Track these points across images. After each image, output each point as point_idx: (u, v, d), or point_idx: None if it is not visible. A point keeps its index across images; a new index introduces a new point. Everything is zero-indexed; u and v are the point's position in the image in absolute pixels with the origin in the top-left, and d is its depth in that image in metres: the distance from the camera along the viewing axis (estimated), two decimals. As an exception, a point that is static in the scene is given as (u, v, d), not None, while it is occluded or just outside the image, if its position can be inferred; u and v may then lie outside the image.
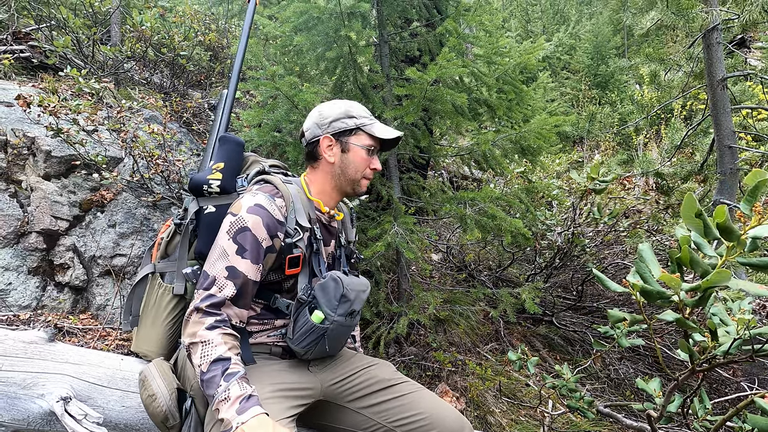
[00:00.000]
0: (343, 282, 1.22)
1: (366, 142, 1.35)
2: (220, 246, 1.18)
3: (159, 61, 4.56)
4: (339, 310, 1.21)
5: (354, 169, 1.34)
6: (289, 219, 1.25)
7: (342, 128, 1.33)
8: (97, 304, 2.49)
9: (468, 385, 2.44)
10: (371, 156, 1.37)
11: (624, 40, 15.99)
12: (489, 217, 2.48)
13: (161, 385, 1.15)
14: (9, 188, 2.54)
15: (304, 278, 1.28)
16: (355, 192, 1.38)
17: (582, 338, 3.24)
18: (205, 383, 1.05)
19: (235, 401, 1.01)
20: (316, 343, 1.21)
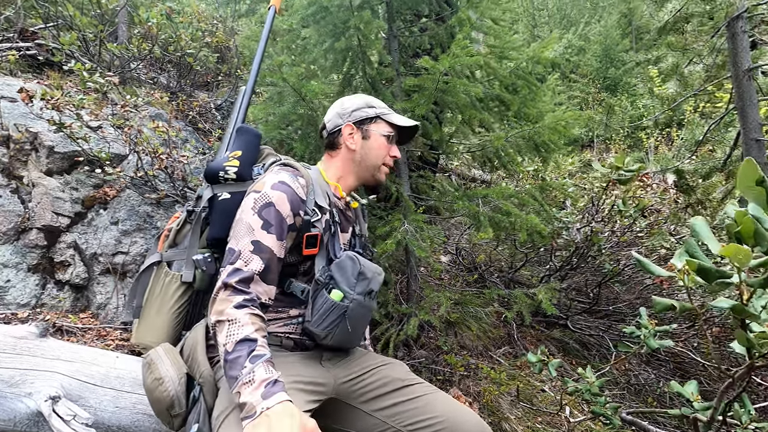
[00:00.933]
0: (359, 260, 1.22)
1: (385, 129, 1.39)
2: (245, 221, 1.16)
3: (165, 61, 4.54)
4: (357, 288, 1.19)
5: (375, 155, 1.38)
6: (309, 199, 1.25)
7: (363, 116, 1.39)
8: (97, 303, 2.42)
9: (482, 390, 2.33)
10: (390, 143, 1.41)
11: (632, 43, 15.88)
12: (503, 214, 2.38)
13: (169, 368, 1.09)
14: (10, 184, 2.49)
15: (321, 260, 1.25)
16: (375, 179, 1.42)
17: (599, 342, 3.11)
18: (228, 363, 0.99)
19: (260, 385, 0.94)
20: (337, 324, 1.17)
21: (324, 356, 1.24)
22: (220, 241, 1.28)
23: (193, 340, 1.19)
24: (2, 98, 2.68)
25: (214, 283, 1.33)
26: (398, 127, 1.42)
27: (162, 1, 4.95)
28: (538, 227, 2.31)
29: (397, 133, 1.43)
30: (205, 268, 1.27)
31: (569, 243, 2.82)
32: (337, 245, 1.30)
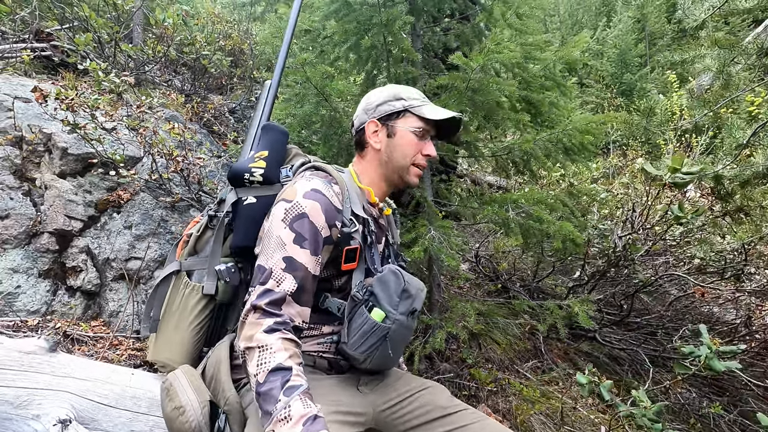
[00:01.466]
0: (404, 276, 1.09)
1: (415, 124, 1.22)
2: (276, 235, 1.04)
3: (180, 63, 4.49)
4: (401, 308, 1.06)
5: (401, 154, 1.21)
6: (345, 208, 1.13)
7: (388, 111, 1.22)
8: (109, 311, 2.32)
9: (513, 407, 2.18)
10: (423, 140, 1.23)
11: (646, 49, 15.69)
12: (535, 221, 2.25)
13: (191, 395, 0.96)
14: (22, 186, 2.41)
15: (359, 275, 1.13)
16: (405, 182, 1.25)
17: (631, 357, 2.94)
18: (261, 396, 0.88)
19: (298, 421, 0.83)
20: (377, 347, 1.04)
21: (361, 380, 1.11)
22: (244, 249, 1.17)
23: (216, 359, 1.07)
24: (16, 98, 2.62)
25: (238, 295, 1.21)
26: (432, 122, 1.23)
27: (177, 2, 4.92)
28: (573, 234, 2.18)
29: (431, 127, 1.24)
30: (228, 279, 1.16)
31: (603, 251, 2.67)
32: (376, 257, 1.18)
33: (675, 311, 3.28)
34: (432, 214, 2.41)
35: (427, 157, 1.24)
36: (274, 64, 1.55)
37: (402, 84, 2.33)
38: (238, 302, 1.21)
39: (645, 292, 3.30)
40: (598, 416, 2.51)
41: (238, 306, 1.21)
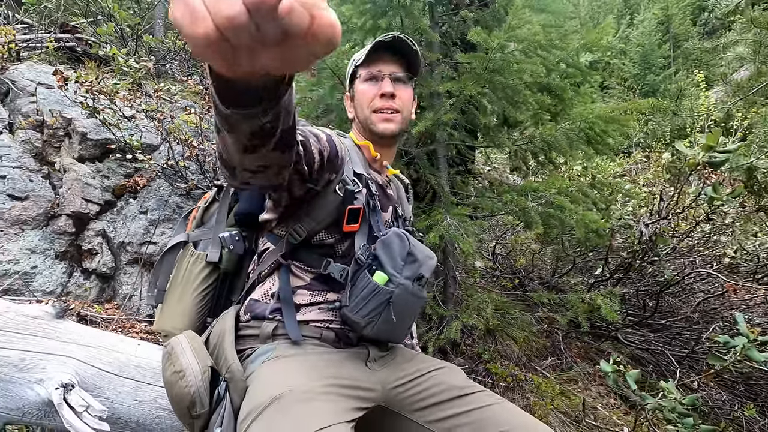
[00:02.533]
0: (409, 239, 1.02)
1: (364, 73, 1.15)
2: None
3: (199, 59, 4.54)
4: (405, 271, 0.99)
5: (360, 108, 1.17)
6: (347, 167, 1.06)
7: (349, 78, 1.22)
8: (123, 294, 2.33)
9: (530, 404, 2.09)
10: (376, 83, 1.15)
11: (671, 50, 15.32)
12: (556, 209, 2.16)
13: (192, 360, 0.91)
14: (42, 169, 2.44)
15: (361, 238, 1.06)
16: (376, 133, 1.16)
17: (656, 359, 2.81)
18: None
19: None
20: (379, 311, 0.97)
21: (370, 356, 1.05)
22: (249, 216, 1.14)
23: (220, 329, 1.03)
24: (39, 84, 2.67)
25: (243, 265, 1.18)
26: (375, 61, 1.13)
27: None
28: (597, 224, 2.08)
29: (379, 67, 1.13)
30: (232, 247, 1.12)
31: (628, 244, 2.55)
32: (380, 221, 1.12)
33: (702, 313, 3.12)
34: (448, 203, 2.35)
35: (385, 98, 1.13)
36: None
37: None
38: (243, 273, 1.18)
39: (670, 293, 3.16)
40: (620, 416, 2.39)
41: (243, 276, 1.18)
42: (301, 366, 0.91)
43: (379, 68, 1.14)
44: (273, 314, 1.02)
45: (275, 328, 1.01)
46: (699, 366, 2.63)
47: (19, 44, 3.02)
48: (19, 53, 3.05)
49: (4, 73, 2.75)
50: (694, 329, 2.99)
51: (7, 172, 2.30)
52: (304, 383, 0.85)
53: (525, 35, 1.75)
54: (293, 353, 0.96)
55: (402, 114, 1.17)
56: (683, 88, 6.57)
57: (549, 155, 2.80)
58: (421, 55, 1.20)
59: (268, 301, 1.05)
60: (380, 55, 1.14)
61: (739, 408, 2.20)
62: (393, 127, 1.15)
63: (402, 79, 1.16)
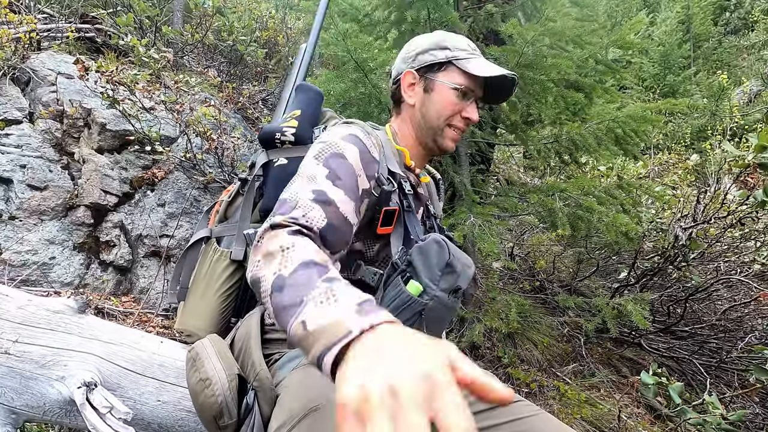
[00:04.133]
0: (449, 247, 0.92)
1: (457, 80, 1.03)
2: (303, 173, 0.88)
3: (216, 51, 4.52)
4: (442, 283, 0.90)
5: (436, 112, 1.04)
6: (382, 165, 0.98)
7: (429, 61, 1.05)
8: (140, 287, 2.30)
9: (556, 411, 2.02)
10: (464, 101, 1.04)
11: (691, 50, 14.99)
12: (584, 211, 2.09)
13: (218, 367, 0.85)
14: (61, 159, 2.43)
15: (396, 241, 0.99)
16: (438, 146, 1.08)
17: (682, 367, 2.71)
18: (286, 289, 0.62)
19: (348, 302, 0.55)
20: (410, 323, 0.89)
21: None
22: None
23: (245, 332, 0.97)
24: (60, 74, 2.66)
25: None
26: (479, 79, 1.04)
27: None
28: (628, 227, 2.00)
29: (477, 86, 1.05)
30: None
31: (658, 248, 2.46)
32: (417, 225, 1.04)
33: (729, 321, 3.02)
34: (470, 201, 2.29)
35: (467, 121, 1.06)
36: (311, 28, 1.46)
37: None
38: None
39: (694, 299, 3.05)
40: (646, 426, 2.31)
41: None
42: (320, 384, 0.84)
43: (475, 88, 1.05)
44: None
45: None
46: (728, 377, 2.53)
47: (39, 33, 3.02)
48: (40, 43, 3.04)
49: (25, 62, 2.74)
50: (722, 338, 2.89)
51: (27, 161, 2.28)
52: None
53: (560, 28, 1.67)
54: (311, 370, 0.91)
55: None
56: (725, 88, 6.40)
57: (574, 154, 2.72)
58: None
59: None
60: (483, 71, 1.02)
61: (773, 422, 2.11)
62: (454, 147, 1.10)
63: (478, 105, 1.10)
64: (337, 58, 2.02)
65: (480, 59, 1.07)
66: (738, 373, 2.38)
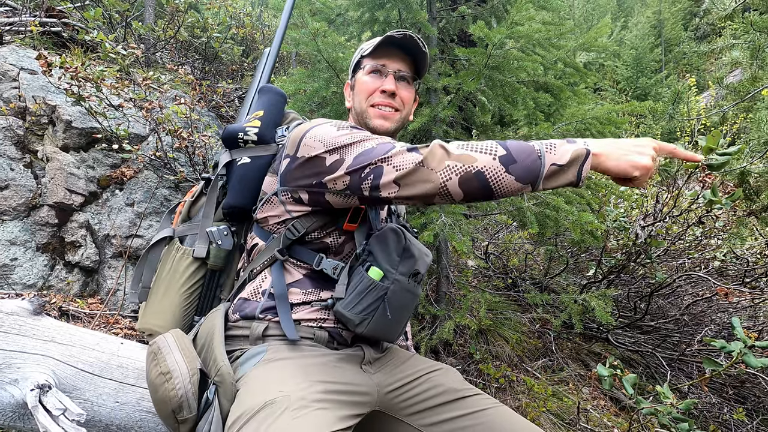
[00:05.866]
0: (405, 235, 1.00)
1: (368, 64, 1.15)
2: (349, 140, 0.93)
3: (191, 48, 4.44)
4: (401, 268, 0.98)
5: (359, 100, 1.16)
6: None
7: (353, 67, 1.22)
8: (107, 288, 2.25)
9: (523, 404, 2.08)
10: (379, 79, 1.14)
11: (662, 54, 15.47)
12: (552, 210, 2.15)
13: (180, 361, 0.86)
14: (24, 157, 2.35)
15: (360, 236, 1.04)
16: (369, 128, 1.13)
17: (646, 361, 2.82)
18: (516, 159, 0.80)
19: (561, 143, 0.82)
20: (374, 308, 0.94)
21: (365, 358, 1.02)
22: (237, 210, 1.10)
23: (209, 328, 0.98)
24: (22, 69, 2.57)
25: (231, 261, 1.13)
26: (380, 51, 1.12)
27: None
28: (592, 225, 2.07)
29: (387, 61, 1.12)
30: (220, 242, 1.09)
31: (622, 246, 2.55)
32: (378, 218, 1.09)
33: (692, 316, 3.15)
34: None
35: (385, 94, 1.11)
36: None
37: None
38: (231, 269, 1.13)
39: (659, 294, 3.17)
40: (610, 419, 2.40)
41: (232, 273, 1.13)
42: (295, 370, 0.87)
43: (384, 63, 1.13)
44: (264, 314, 0.98)
45: (266, 328, 0.97)
46: (689, 368, 2.65)
47: (1, 27, 2.91)
48: (2, 37, 2.93)
49: (-15, 56, 2.64)
50: (684, 332, 3.01)
51: (-13, 159, 2.21)
52: (299, 389, 0.81)
53: (526, 32, 1.72)
54: (286, 356, 0.92)
55: (401, 113, 1.15)
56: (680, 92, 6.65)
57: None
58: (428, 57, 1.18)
59: (258, 299, 1.00)
60: (388, 49, 1.13)
61: (728, 411, 2.21)
62: (388, 125, 1.13)
63: (406, 78, 1.15)
64: (311, 56, 2.02)
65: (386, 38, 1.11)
66: (696, 364, 2.49)
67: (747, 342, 1.26)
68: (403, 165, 0.84)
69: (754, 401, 2.42)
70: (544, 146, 0.81)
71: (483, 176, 0.80)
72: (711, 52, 9.44)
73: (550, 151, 0.80)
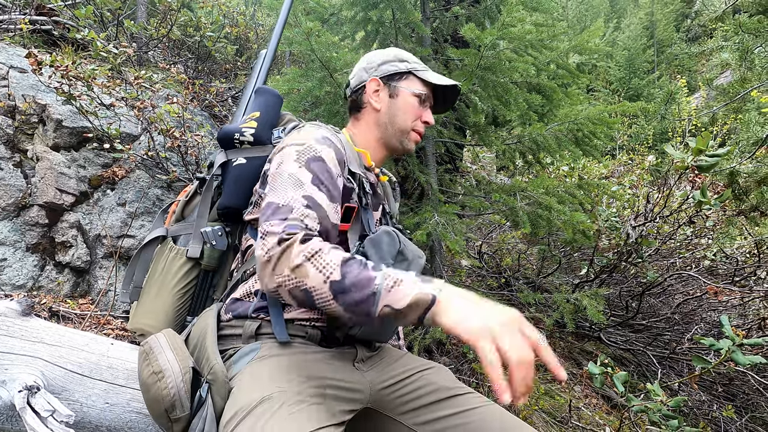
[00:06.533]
0: (399, 237, 1.00)
1: (418, 88, 1.17)
2: (290, 173, 0.93)
3: (183, 47, 4.41)
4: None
5: (403, 117, 1.16)
6: (347, 164, 1.06)
7: (392, 71, 1.17)
8: (98, 289, 2.24)
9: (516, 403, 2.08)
10: (423, 106, 1.19)
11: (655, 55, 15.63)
12: (544, 209, 2.16)
13: (172, 359, 0.85)
14: (13, 157, 2.33)
15: (353, 236, 1.04)
16: (403, 147, 1.19)
17: (637, 359, 2.84)
18: (351, 289, 0.75)
19: (410, 279, 0.75)
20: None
21: (358, 356, 1.02)
22: (232, 210, 1.10)
23: (201, 327, 0.98)
24: (12, 68, 2.54)
25: (225, 261, 1.13)
26: (434, 87, 1.19)
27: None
28: (584, 225, 2.09)
29: (431, 93, 1.20)
30: (214, 243, 1.09)
31: (613, 245, 2.57)
32: (372, 221, 1.10)
33: (682, 314, 3.18)
34: (436, 201, 2.33)
35: (426, 124, 1.19)
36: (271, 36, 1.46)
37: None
38: (225, 269, 1.13)
39: (650, 293, 3.20)
40: (602, 416, 2.41)
41: (225, 273, 1.13)
42: (289, 367, 0.87)
43: (430, 94, 1.19)
44: (256, 313, 0.98)
45: (259, 327, 0.97)
46: (679, 366, 2.67)
47: (-10, 25, 2.88)
48: (-9, 35, 2.90)
49: (-27, 54, 2.61)
50: (675, 330, 3.05)
51: (-25, 159, 2.18)
52: (294, 385, 0.82)
53: (518, 33, 1.73)
54: (279, 353, 0.92)
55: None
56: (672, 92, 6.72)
57: (537, 155, 2.80)
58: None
59: (251, 299, 1.00)
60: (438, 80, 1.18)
61: (718, 408, 2.24)
62: (413, 149, 1.22)
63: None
64: (305, 56, 2.02)
65: (432, 72, 1.20)
66: (687, 362, 2.52)
67: (735, 340, 1.27)
68: (264, 252, 0.82)
69: (742, 398, 2.45)
70: (386, 283, 0.74)
71: (311, 297, 0.78)
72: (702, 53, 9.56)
73: (388, 290, 0.73)
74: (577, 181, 2.78)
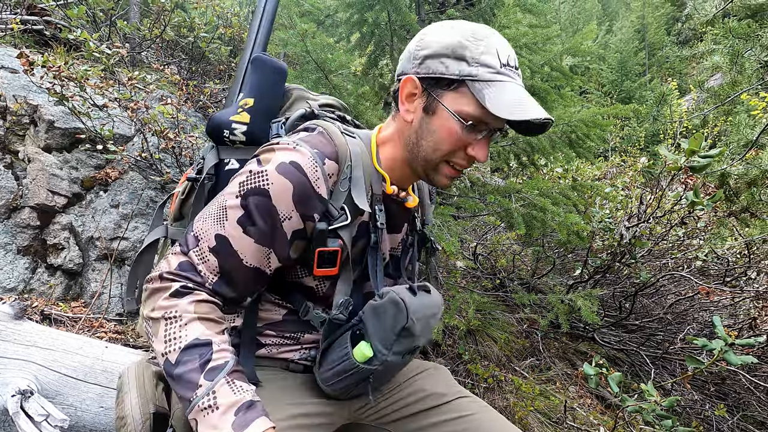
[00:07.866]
0: (407, 308, 0.80)
1: (467, 108, 0.77)
2: (219, 204, 0.80)
3: (177, 48, 4.39)
4: (396, 347, 0.81)
5: (433, 143, 0.82)
6: (337, 194, 0.82)
7: (437, 73, 0.78)
8: (91, 291, 2.21)
9: (511, 404, 2.09)
10: (472, 134, 0.80)
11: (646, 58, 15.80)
12: (538, 211, 2.17)
13: (135, 405, 0.85)
14: (4, 158, 2.30)
15: (343, 286, 0.87)
16: (429, 179, 0.88)
17: (631, 359, 2.87)
18: (175, 380, 0.71)
19: (227, 410, 0.68)
20: (355, 386, 0.86)
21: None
22: None
23: None
24: (2, 68, 2.51)
25: None
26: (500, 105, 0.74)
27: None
28: (578, 226, 2.10)
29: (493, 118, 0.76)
30: None
31: (607, 246, 2.59)
32: (377, 262, 0.90)
33: (675, 315, 3.22)
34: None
35: (471, 159, 0.83)
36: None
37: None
38: None
39: (644, 294, 3.23)
40: (596, 417, 2.43)
41: None
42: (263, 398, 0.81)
43: (491, 119, 0.78)
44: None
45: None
46: (672, 366, 2.70)
47: (-19, 25, 2.84)
48: (-19, 34, 2.87)
49: (-37, 54, 2.57)
50: (668, 330, 3.08)
51: (-35, 160, 2.15)
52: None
53: (513, 35, 1.73)
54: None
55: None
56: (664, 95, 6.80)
57: (532, 157, 2.82)
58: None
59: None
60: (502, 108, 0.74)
61: (710, 408, 2.26)
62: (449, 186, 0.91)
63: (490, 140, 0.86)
64: (300, 57, 2.02)
65: (507, 84, 0.77)
66: (679, 362, 2.54)
67: (727, 340, 1.29)
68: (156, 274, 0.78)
69: (734, 397, 2.48)
70: (203, 401, 0.69)
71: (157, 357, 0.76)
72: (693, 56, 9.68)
73: (201, 409, 0.69)
74: (571, 182, 2.80)
